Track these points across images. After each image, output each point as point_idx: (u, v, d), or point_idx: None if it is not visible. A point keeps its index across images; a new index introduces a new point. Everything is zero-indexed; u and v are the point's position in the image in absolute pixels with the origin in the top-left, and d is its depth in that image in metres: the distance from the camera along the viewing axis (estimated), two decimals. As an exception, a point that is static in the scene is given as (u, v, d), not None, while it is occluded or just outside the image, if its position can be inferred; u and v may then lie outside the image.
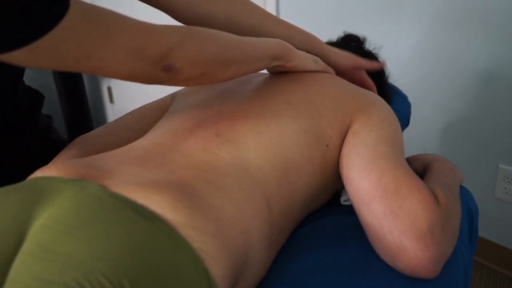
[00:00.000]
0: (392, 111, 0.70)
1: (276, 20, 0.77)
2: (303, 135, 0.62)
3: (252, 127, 0.60)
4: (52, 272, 0.37)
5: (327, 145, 0.64)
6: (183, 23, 0.71)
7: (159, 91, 1.14)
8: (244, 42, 0.61)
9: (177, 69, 0.52)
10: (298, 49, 0.75)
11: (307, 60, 0.74)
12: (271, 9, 1.76)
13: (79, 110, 2.46)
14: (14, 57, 0.41)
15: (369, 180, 0.58)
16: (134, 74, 0.50)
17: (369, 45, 0.95)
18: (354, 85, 0.73)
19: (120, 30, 0.46)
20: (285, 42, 0.69)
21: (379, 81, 0.91)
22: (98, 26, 0.44)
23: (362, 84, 0.85)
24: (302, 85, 0.69)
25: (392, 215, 0.55)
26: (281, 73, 0.74)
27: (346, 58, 0.81)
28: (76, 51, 0.44)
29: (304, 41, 0.78)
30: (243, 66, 0.61)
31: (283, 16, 1.75)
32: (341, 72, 0.82)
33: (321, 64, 0.76)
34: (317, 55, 0.78)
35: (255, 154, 0.57)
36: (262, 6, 1.78)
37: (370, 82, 0.86)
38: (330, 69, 0.79)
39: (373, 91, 0.85)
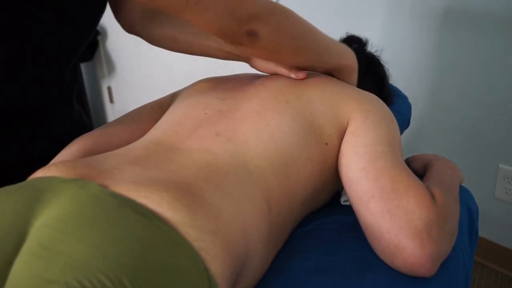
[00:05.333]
0: (389, 111, 0.70)
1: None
2: (302, 134, 0.62)
3: (251, 126, 0.60)
4: (52, 271, 0.37)
5: (326, 144, 0.64)
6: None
7: (159, 91, 1.14)
8: (320, 39, 0.66)
9: (258, 36, 0.57)
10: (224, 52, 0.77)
11: (355, 78, 0.77)
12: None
13: (79, 110, 2.46)
14: None
15: (367, 179, 0.59)
16: (224, 29, 0.55)
17: (371, 47, 0.95)
18: (351, 86, 0.74)
19: None
20: (355, 59, 0.74)
21: (380, 82, 0.91)
22: None
23: None
24: (301, 84, 0.69)
25: (390, 215, 0.55)
26: None
27: (260, 63, 0.76)
28: None
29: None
30: (312, 59, 0.67)
31: (283, 16, 1.75)
32: None
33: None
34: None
35: (255, 153, 0.57)
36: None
37: None
38: None
39: None
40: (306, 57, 0.67)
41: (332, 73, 0.75)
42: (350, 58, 0.74)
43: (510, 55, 1.29)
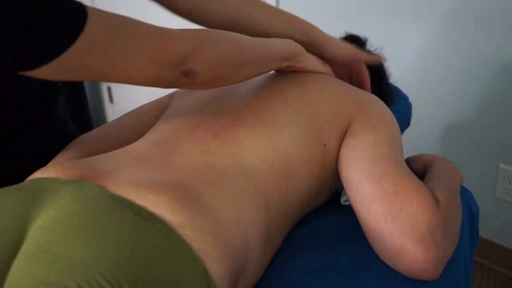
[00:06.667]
0: (390, 112, 0.70)
1: (274, 11, 0.76)
2: (301, 134, 0.62)
3: (249, 127, 0.60)
4: (51, 273, 0.37)
5: (324, 145, 0.64)
6: (178, 15, 0.71)
7: (159, 91, 1.14)
8: (257, 44, 0.63)
9: (195, 73, 0.53)
10: (296, 39, 0.74)
11: (315, 61, 0.75)
12: (271, 9, 1.76)
13: (79, 110, 2.46)
14: (41, 73, 0.43)
15: (368, 182, 0.58)
16: (155, 80, 0.51)
17: (370, 46, 0.95)
18: (352, 86, 0.73)
19: (141, 38, 0.48)
20: (296, 43, 0.71)
21: (380, 81, 0.91)
22: (120, 36, 0.46)
23: (358, 76, 0.84)
24: (300, 85, 0.69)
25: (392, 218, 0.55)
26: (279, 73, 0.74)
27: (345, 49, 0.80)
28: (101, 63, 0.45)
29: (302, 31, 0.76)
30: (257, 68, 0.63)
31: (283, 16, 1.75)
32: (339, 63, 0.81)
33: (326, 66, 0.77)
34: (314, 45, 0.77)
35: (253, 154, 0.57)
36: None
37: (366, 76, 0.84)
38: (330, 71, 0.79)
39: (366, 86, 0.84)
40: (251, 66, 0.62)
41: (287, 67, 0.71)
42: (289, 44, 0.70)
43: (510, 54, 1.29)
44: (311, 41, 0.77)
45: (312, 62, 0.74)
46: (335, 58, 0.80)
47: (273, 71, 0.75)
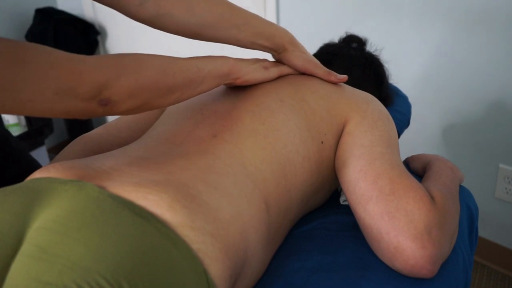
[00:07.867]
0: (386, 110, 0.70)
1: (242, 17, 0.71)
2: (297, 132, 0.62)
3: (247, 126, 0.60)
4: (51, 274, 0.37)
5: (321, 142, 0.64)
6: (138, 21, 0.67)
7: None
8: (185, 65, 0.58)
9: (114, 102, 0.50)
10: (263, 46, 0.72)
11: (257, 72, 0.69)
12: (271, 9, 1.76)
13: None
14: None
15: (365, 181, 0.58)
16: (68, 112, 0.47)
17: (370, 47, 0.95)
18: (347, 85, 0.73)
19: (47, 68, 0.44)
20: (232, 59, 0.67)
21: (380, 81, 0.91)
22: (22, 66, 0.43)
23: None
24: (295, 84, 0.69)
25: (389, 216, 0.55)
26: None
27: (298, 60, 0.73)
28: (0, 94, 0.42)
29: (269, 39, 0.72)
30: (187, 90, 0.59)
31: (283, 17, 1.75)
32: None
33: (273, 71, 0.72)
34: (275, 49, 0.74)
35: (252, 153, 0.57)
36: (261, 8, 1.78)
37: None
38: (286, 71, 0.74)
39: None
40: (180, 90, 0.58)
41: (228, 83, 0.68)
42: (224, 62, 0.65)
43: (510, 54, 1.29)
44: (276, 49, 0.73)
45: (252, 74, 0.69)
46: (290, 66, 0.75)
47: None
